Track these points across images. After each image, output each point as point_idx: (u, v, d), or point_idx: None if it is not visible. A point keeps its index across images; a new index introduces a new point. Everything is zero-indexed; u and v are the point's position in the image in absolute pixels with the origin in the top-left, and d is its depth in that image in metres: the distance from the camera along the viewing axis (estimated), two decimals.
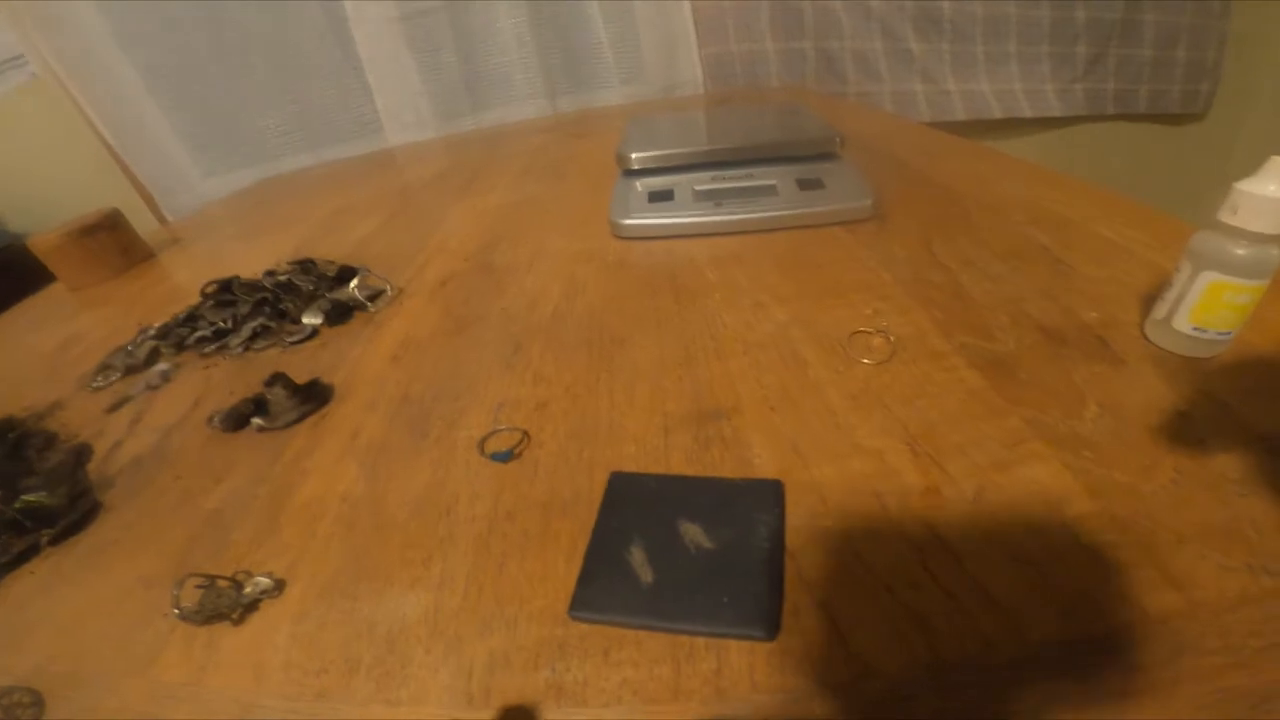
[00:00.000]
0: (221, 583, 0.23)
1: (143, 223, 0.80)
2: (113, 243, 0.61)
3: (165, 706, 0.20)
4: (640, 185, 0.50)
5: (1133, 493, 0.21)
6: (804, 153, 0.49)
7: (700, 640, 0.19)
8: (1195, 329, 0.26)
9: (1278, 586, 0.18)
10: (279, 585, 0.23)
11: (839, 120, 0.55)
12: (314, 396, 0.33)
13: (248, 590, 0.23)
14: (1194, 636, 0.17)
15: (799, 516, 0.22)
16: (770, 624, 0.19)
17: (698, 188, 0.48)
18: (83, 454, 0.34)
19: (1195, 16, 1.06)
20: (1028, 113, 1.04)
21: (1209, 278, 0.25)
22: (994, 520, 0.21)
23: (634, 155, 0.51)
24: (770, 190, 0.46)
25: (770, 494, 0.22)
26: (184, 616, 0.22)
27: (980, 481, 0.22)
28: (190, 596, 0.23)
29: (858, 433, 0.25)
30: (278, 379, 0.33)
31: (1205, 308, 0.25)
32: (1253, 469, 0.21)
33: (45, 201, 0.85)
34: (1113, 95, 1.08)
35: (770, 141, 0.51)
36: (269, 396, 0.32)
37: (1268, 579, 0.18)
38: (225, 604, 0.22)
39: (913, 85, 1.03)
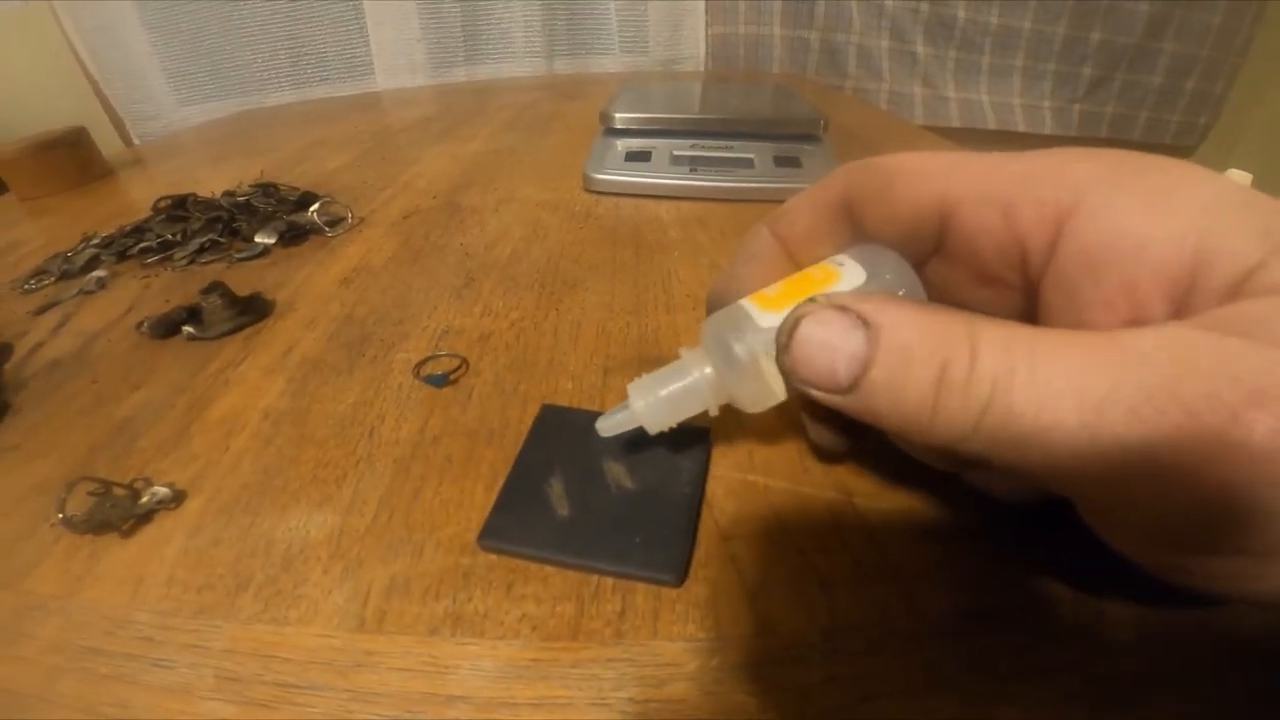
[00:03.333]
0: (118, 490, 0.22)
1: (114, 147, 0.77)
2: (71, 158, 0.59)
3: (32, 620, 0.18)
4: (620, 145, 0.49)
5: None
6: (786, 131, 0.49)
7: (608, 581, 0.18)
8: None
9: None
10: (178, 497, 0.22)
11: (830, 110, 0.55)
12: (252, 309, 0.32)
13: (144, 500, 0.21)
14: (1075, 623, 0.17)
15: (724, 468, 0.22)
16: (679, 570, 0.18)
17: (676, 152, 0.47)
18: (1, 354, 0.32)
19: (1214, 49, 1.07)
20: (1021, 127, 1.04)
21: None
22: (907, 490, 0.20)
23: (617, 115, 0.50)
24: (747, 163, 0.45)
25: (697, 441, 0.22)
26: (68, 524, 0.21)
27: (901, 452, 0.22)
28: (82, 504, 0.21)
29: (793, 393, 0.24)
30: (215, 288, 0.31)
31: None
32: None
33: (18, 121, 0.82)
34: (1109, 119, 1.09)
35: (754, 117, 0.50)
36: (204, 305, 0.31)
37: None
38: (117, 514, 0.21)
39: (912, 88, 1.03)
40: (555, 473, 0.21)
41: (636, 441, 0.22)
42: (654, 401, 0.19)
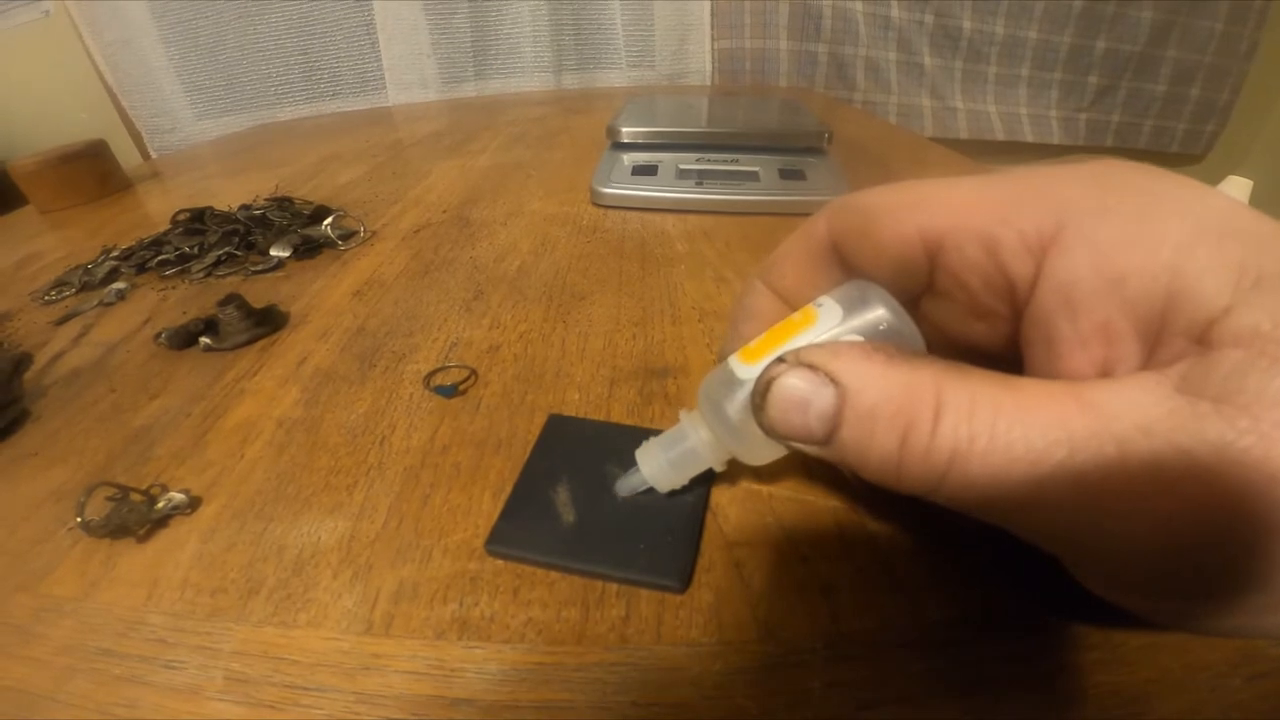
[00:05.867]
0: (135, 496, 0.22)
1: (131, 160, 0.79)
2: (91, 171, 0.60)
3: (47, 621, 0.19)
4: (627, 159, 0.50)
5: None
6: (791, 144, 0.49)
7: (613, 587, 0.18)
8: None
9: None
10: (193, 503, 0.22)
11: (839, 123, 0.55)
12: (267, 321, 0.33)
13: (160, 505, 0.22)
14: (1077, 631, 0.17)
15: (728, 476, 0.22)
16: (683, 576, 0.18)
17: (682, 166, 0.47)
18: (21, 363, 0.33)
19: (1217, 56, 1.07)
20: (1029, 137, 1.04)
21: None
22: (911, 500, 0.20)
23: (624, 129, 0.50)
24: (752, 176, 0.46)
25: None
26: (86, 528, 0.21)
27: None
28: (99, 509, 0.22)
29: None
30: (232, 299, 0.32)
31: None
32: None
33: (38, 134, 0.84)
34: (1115, 128, 1.09)
35: (759, 130, 0.51)
36: (221, 317, 0.32)
37: None
38: (134, 519, 0.21)
39: (920, 99, 1.03)
40: (561, 480, 0.21)
41: None
42: (660, 466, 0.20)
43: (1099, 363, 0.14)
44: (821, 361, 0.14)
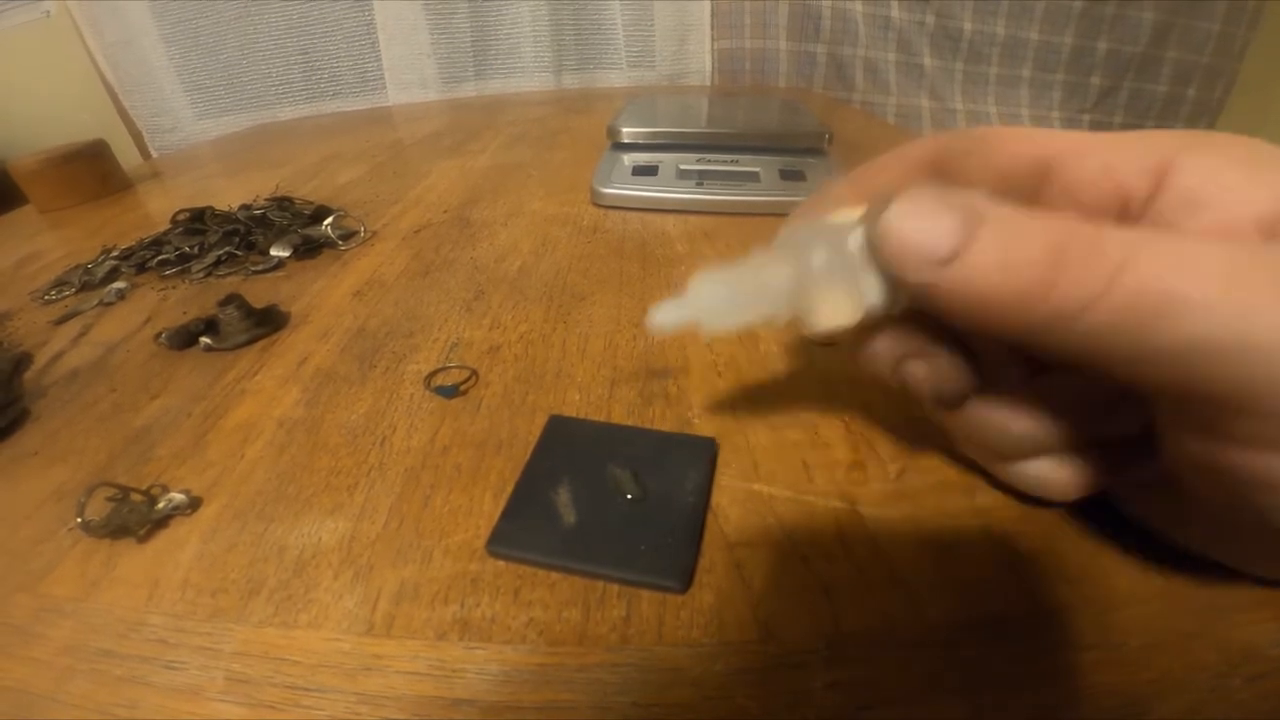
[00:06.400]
0: (135, 496, 0.22)
1: (131, 160, 0.79)
2: (91, 170, 0.60)
3: (47, 621, 0.19)
4: (627, 159, 0.50)
5: None
6: (792, 145, 0.49)
7: (614, 587, 0.18)
8: None
9: (1165, 587, 0.18)
10: (194, 503, 0.22)
11: (839, 124, 0.55)
12: (268, 321, 0.33)
13: (160, 505, 0.22)
14: (1077, 631, 0.17)
15: (728, 477, 0.22)
16: (684, 576, 0.18)
17: (682, 166, 0.48)
18: (21, 363, 0.33)
19: (1214, 56, 1.07)
20: None
21: None
22: (911, 501, 0.21)
23: (624, 129, 0.51)
24: (753, 176, 0.46)
25: (703, 451, 0.22)
26: (86, 528, 0.21)
27: (904, 464, 0.22)
28: (100, 509, 0.22)
29: (796, 405, 0.25)
30: (233, 299, 0.32)
31: None
32: None
33: (38, 133, 0.83)
34: (1117, 129, 1.09)
35: (760, 131, 0.51)
36: (221, 317, 0.32)
37: (1157, 579, 0.18)
38: (134, 519, 0.21)
39: (919, 100, 1.03)
40: (562, 481, 0.21)
41: (643, 451, 0.22)
42: (719, 294, 0.17)
43: None
44: (954, 193, 0.13)
